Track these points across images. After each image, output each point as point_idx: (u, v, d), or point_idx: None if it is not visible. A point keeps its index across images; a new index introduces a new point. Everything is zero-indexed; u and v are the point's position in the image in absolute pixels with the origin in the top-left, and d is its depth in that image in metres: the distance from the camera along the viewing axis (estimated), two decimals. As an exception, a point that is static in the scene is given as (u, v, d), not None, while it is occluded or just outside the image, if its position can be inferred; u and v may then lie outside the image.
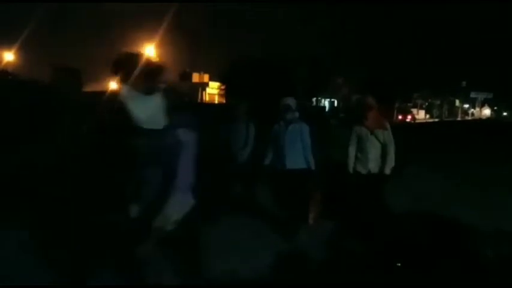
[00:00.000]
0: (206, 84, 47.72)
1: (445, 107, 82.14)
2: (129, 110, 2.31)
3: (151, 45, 39.30)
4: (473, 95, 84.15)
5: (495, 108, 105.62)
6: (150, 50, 39.51)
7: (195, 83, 47.50)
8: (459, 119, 77.45)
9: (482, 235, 4.81)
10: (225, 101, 34.65)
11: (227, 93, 32.43)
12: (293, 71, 30.48)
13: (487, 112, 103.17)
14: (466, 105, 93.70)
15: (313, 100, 38.96)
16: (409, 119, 57.56)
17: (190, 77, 49.21)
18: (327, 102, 46.63)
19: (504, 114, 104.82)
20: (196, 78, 49.78)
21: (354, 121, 5.28)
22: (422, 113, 74.35)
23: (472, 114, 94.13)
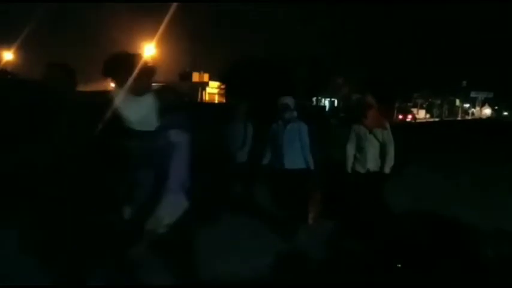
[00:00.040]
0: (206, 83, 47.76)
1: (445, 107, 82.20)
2: (120, 111, 2.27)
3: (151, 44, 39.44)
4: (473, 94, 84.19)
5: (495, 107, 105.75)
6: (150, 49, 39.66)
7: (195, 83, 47.57)
8: (459, 118, 77.56)
9: (482, 235, 4.79)
10: (225, 100, 34.67)
11: (227, 92, 32.45)
12: (293, 70, 30.48)
13: (488, 112, 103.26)
14: (467, 105, 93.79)
15: (313, 100, 38.96)
16: (410, 119, 57.55)
17: (190, 76, 49.28)
18: (327, 102, 46.66)
19: (504, 113, 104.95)
20: (196, 77, 49.86)
21: (353, 120, 5.23)
22: (423, 112, 74.42)
23: (472, 114, 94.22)
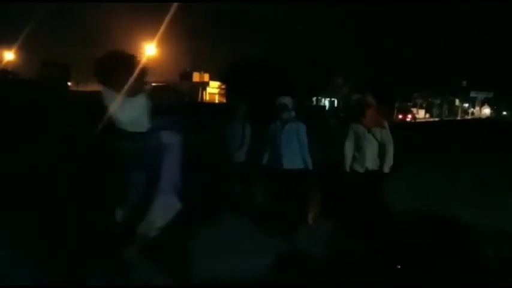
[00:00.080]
0: (206, 83, 47.73)
1: (445, 107, 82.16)
2: (111, 112, 2.22)
3: (152, 44, 39.45)
4: (473, 94, 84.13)
5: (495, 107, 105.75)
6: (150, 49, 39.67)
7: (196, 83, 47.55)
8: (459, 118, 77.50)
9: (482, 235, 4.80)
10: (225, 100, 34.66)
11: (227, 92, 32.46)
12: (293, 70, 30.48)
13: (487, 111, 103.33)
14: (466, 105, 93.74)
15: (314, 100, 38.96)
16: (410, 119, 57.48)
17: (191, 76, 49.28)
18: (327, 102, 46.66)
19: (504, 113, 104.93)
20: (196, 77, 49.84)
21: (352, 119, 5.21)
22: (422, 112, 74.37)
23: (472, 114, 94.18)
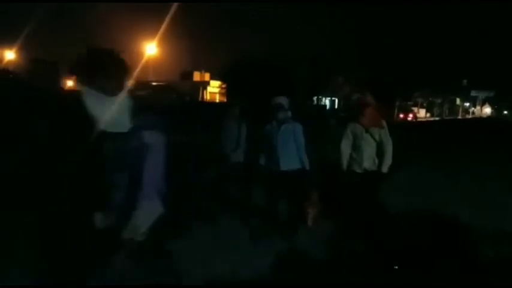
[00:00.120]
0: (207, 83, 47.74)
1: (446, 106, 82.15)
2: (90, 112, 2.13)
3: (152, 44, 39.51)
4: (473, 93, 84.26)
5: (496, 106, 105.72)
6: (151, 48, 39.73)
7: (196, 82, 47.57)
8: (460, 117, 77.52)
9: (482, 235, 4.80)
10: (226, 100, 34.60)
11: (228, 92, 32.42)
12: (293, 70, 30.46)
13: (488, 111, 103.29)
14: (467, 104, 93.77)
15: (314, 99, 38.95)
16: (411, 118, 57.40)
17: (192, 75, 49.31)
18: (327, 101, 46.70)
19: (504, 112, 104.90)
20: (197, 77, 49.87)
21: (350, 119, 5.14)
22: (423, 111, 74.32)
23: (472, 113, 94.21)
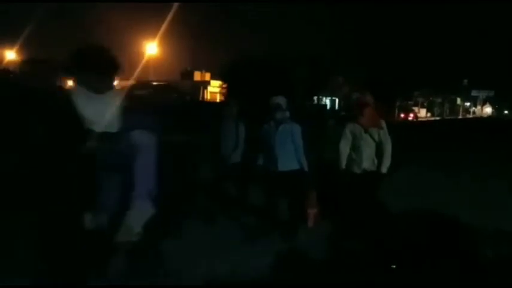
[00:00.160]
0: (208, 82, 47.66)
1: (446, 105, 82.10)
2: (78, 111, 2.08)
3: (153, 43, 39.52)
4: (474, 93, 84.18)
5: (496, 106, 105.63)
6: (152, 48, 39.74)
7: (197, 82, 47.49)
8: (460, 117, 77.47)
9: (482, 235, 4.79)
10: (226, 99, 34.52)
11: (229, 91, 32.40)
12: (293, 70, 30.43)
13: (488, 110, 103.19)
14: (467, 104, 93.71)
15: (315, 99, 38.92)
16: (412, 118, 57.32)
17: (192, 75, 49.23)
18: (328, 101, 46.65)
19: (505, 112, 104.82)
20: (197, 76, 49.78)
21: (349, 119, 5.12)
22: (424, 111, 74.26)
23: (473, 113, 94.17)
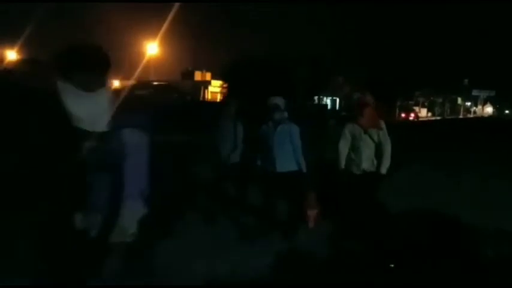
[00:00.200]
0: (208, 82, 47.69)
1: (447, 105, 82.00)
2: (68, 109, 2.02)
3: (154, 43, 39.52)
4: (475, 92, 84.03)
5: (497, 106, 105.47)
6: (153, 48, 39.74)
7: (197, 81, 47.53)
8: (461, 117, 77.38)
9: (483, 235, 4.79)
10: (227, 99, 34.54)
11: (229, 91, 32.42)
12: (294, 70, 30.46)
13: (489, 110, 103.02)
14: (468, 103, 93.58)
15: (316, 99, 38.96)
16: (413, 117, 57.22)
17: (193, 75, 49.27)
18: (329, 101, 46.69)
19: (506, 112, 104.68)
20: (198, 76, 49.81)
21: (349, 119, 5.11)
22: (424, 111, 74.17)
23: (474, 112, 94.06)
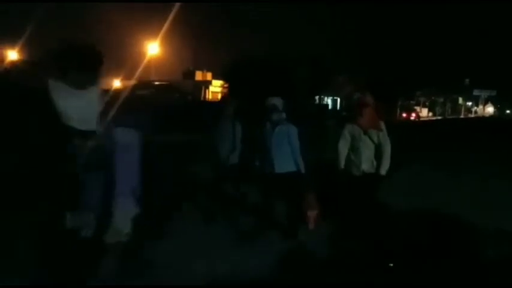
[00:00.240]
0: (209, 82, 47.67)
1: (448, 105, 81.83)
2: (57, 107, 2.01)
3: (155, 43, 39.54)
4: (476, 92, 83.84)
5: (498, 106, 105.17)
6: (154, 48, 39.76)
7: (198, 81, 47.51)
8: (462, 116, 77.25)
9: (483, 235, 4.79)
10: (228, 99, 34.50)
11: (230, 91, 32.42)
12: (294, 70, 30.45)
13: (490, 110, 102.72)
14: (469, 103, 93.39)
15: (316, 98, 38.93)
16: (414, 117, 57.12)
17: (194, 75, 49.25)
18: (329, 101, 46.65)
19: (507, 112, 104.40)
20: (199, 76, 49.79)
21: (349, 119, 5.09)
22: (425, 110, 74.03)
23: (475, 112, 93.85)
